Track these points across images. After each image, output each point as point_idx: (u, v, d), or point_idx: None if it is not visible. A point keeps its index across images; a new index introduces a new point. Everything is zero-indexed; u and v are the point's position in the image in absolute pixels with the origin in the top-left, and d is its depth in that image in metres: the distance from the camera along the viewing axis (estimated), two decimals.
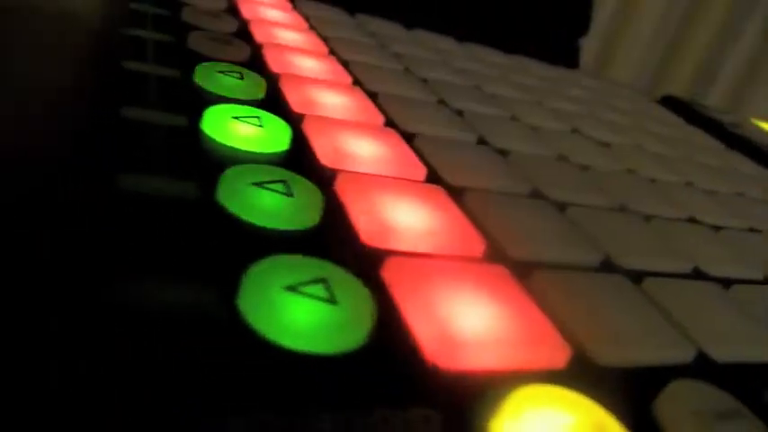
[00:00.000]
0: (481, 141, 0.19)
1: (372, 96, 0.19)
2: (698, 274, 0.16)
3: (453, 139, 0.19)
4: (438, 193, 0.14)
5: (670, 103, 0.39)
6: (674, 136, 0.29)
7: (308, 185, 0.12)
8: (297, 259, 0.10)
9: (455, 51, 0.30)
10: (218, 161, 0.13)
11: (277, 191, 0.12)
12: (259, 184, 0.12)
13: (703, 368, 0.13)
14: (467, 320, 0.10)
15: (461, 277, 0.11)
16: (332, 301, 0.09)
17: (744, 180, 0.27)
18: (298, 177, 0.13)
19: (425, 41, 0.30)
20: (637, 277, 0.14)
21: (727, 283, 0.16)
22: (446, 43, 0.31)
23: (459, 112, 0.21)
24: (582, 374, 0.11)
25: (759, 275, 0.17)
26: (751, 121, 0.41)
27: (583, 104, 0.29)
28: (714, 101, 0.69)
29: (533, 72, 0.32)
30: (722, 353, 0.13)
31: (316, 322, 0.09)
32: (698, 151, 0.28)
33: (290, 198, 0.12)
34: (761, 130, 0.39)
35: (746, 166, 0.29)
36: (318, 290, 0.10)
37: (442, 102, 0.22)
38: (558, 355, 0.10)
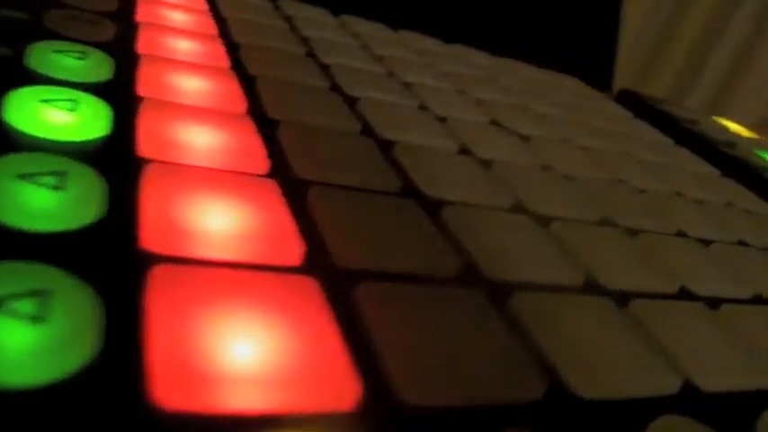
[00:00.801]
0: (366, 131, 0.18)
1: (250, 81, 0.17)
2: (622, 298, 0.15)
3: (333, 128, 0.17)
4: (272, 189, 0.12)
5: (626, 98, 0.37)
6: (615, 131, 0.28)
7: (92, 179, 0.11)
8: (17, 267, 0.08)
9: (388, 37, 0.29)
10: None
11: (45, 185, 0.10)
12: (26, 177, 0.10)
13: (690, 399, 0.12)
14: (234, 350, 0.08)
15: (254, 293, 0.09)
16: (40, 319, 0.08)
17: (686, 178, 0.25)
18: (83, 168, 0.11)
19: (357, 30, 0.28)
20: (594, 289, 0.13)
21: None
22: (376, 28, 0.30)
23: (353, 100, 0.19)
24: (560, 408, 0.10)
25: (670, 291, 0.16)
26: (713, 118, 0.39)
27: (518, 95, 0.27)
28: (697, 101, 0.67)
29: (417, 46, 0.31)
30: (710, 382, 0.13)
31: (14, 345, 0.07)
32: (639, 147, 0.27)
33: (59, 193, 0.10)
34: (720, 128, 0.37)
35: (692, 163, 0.28)
36: (26, 305, 0.08)
37: (334, 88, 0.20)
38: (346, 395, 0.09)
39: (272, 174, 0.13)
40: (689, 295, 0.16)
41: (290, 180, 0.13)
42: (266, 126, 0.15)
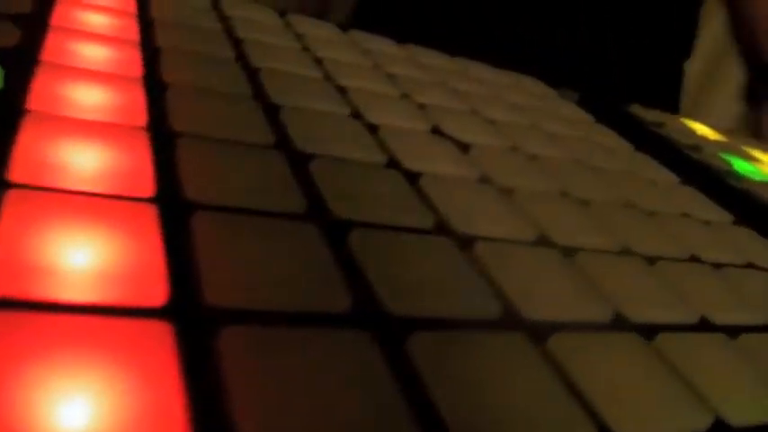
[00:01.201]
0: (281, 144, 0.17)
1: (160, 91, 0.16)
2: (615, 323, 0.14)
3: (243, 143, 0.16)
4: (150, 216, 0.11)
5: (589, 99, 0.36)
6: (570, 136, 0.27)
7: None
8: None
9: (338, 39, 0.27)
10: None
11: None
12: None
13: None
14: (57, 411, 0.07)
15: (96, 342, 0.08)
16: None
17: (641, 187, 0.24)
18: None
19: (300, 31, 0.27)
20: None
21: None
22: (319, 32, 0.28)
23: (277, 108, 0.18)
24: None
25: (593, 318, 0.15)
26: (681, 120, 0.38)
27: (469, 99, 0.26)
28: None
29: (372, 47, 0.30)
30: (740, 417, 0.13)
31: None
32: (593, 154, 0.26)
33: None
34: (687, 131, 0.36)
35: (650, 170, 0.27)
36: None
37: (258, 96, 0.19)
38: None
39: (158, 197, 0.12)
40: (622, 324, 0.15)
41: (177, 204, 0.12)
42: (166, 141, 0.14)
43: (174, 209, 0.12)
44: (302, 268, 0.12)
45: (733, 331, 0.16)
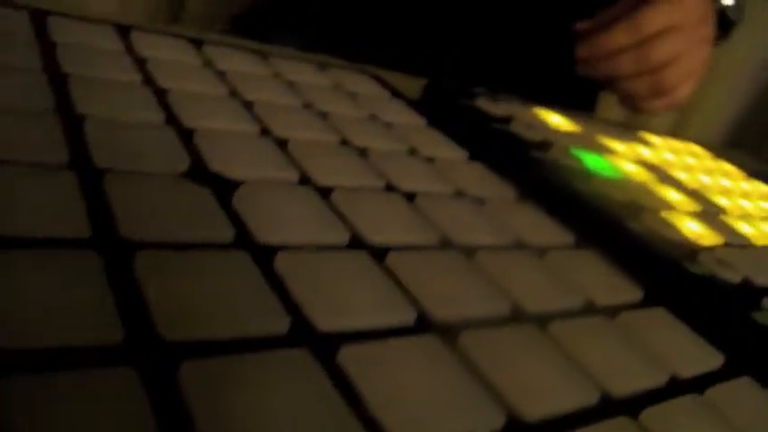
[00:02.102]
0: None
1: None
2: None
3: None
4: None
5: (432, 93, 0.33)
6: (387, 149, 0.23)
7: None
8: None
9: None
10: None
11: None
12: None
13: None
14: None
15: None
16: None
17: (462, 213, 0.21)
18: None
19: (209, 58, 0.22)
20: None
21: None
22: (241, 61, 0.24)
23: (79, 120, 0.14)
24: None
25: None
26: (533, 112, 0.36)
27: (290, 97, 0.22)
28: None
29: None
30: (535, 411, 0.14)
31: None
32: (412, 172, 0.22)
33: None
34: (539, 124, 0.34)
35: (479, 185, 0.24)
36: None
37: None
38: None
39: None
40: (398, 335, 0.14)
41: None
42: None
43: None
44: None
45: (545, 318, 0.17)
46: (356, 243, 0.17)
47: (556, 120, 0.37)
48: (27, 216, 0.13)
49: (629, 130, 0.42)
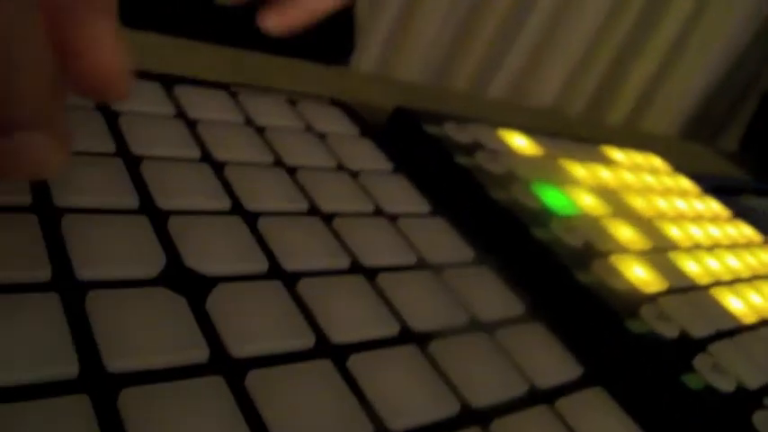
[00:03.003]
0: None
1: None
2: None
3: None
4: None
5: (399, 120, 0.33)
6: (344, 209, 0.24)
7: None
8: None
9: None
10: None
11: None
12: None
13: None
14: None
15: None
16: None
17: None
18: None
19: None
20: None
21: None
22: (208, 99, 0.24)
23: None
24: None
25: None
26: (497, 136, 0.37)
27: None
28: (498, 91, 0.66)
29: None
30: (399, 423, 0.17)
31: None
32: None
33: None
34: (503, 152, 0.35)
35: (443, 247, 0.25)
36: None
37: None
38: None
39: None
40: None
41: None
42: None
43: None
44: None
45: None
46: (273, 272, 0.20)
47: (520, 143, 0.38)
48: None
49: (590, 144, 0.43)
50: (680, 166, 0.50)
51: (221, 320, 0.17)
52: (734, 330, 0.29)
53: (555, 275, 0.27)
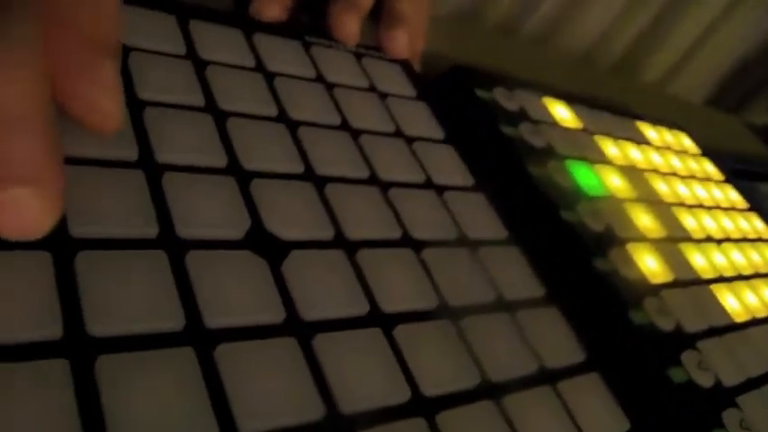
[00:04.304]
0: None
1: None
2: None
3: None
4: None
5: (454, 78, 0.35)
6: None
7: None
8: None
9: None
10: None
11: None
12: None
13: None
14: None
15: None
16: None
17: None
18: None
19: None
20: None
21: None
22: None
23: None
24: None
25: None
26: (542, 104, 0.38)
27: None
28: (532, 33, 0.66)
29: None
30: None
31: None
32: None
33: None
34: (545, 123, 0.36)
35: (478, 224, 0.27)
36: None
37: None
38: None
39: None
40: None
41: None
42: None
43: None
44: None
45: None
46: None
47: (562, 114, 0.39)
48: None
49: (626, 118, 0.45)
50: (708, 140, 0.51)
51: (295, 286, 0.19)
52: (725, 328, 0.32)
53: (575, 260, 0.29)
